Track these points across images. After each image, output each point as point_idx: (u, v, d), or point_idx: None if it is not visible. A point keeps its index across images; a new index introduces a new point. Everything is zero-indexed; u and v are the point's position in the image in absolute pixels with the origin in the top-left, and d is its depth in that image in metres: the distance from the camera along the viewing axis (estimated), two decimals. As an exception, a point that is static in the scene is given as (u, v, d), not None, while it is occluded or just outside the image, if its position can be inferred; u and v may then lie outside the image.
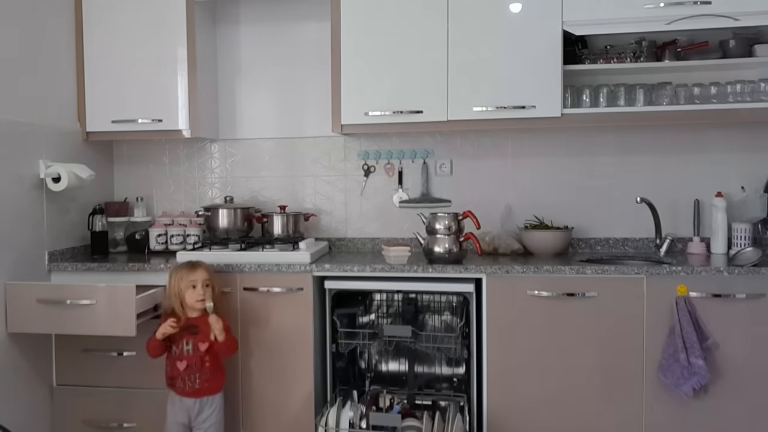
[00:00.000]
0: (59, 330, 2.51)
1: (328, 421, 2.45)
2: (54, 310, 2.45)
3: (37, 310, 2.46)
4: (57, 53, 2.90)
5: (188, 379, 2.42)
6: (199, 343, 2.43)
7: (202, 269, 2.46)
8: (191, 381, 2.42)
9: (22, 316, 2.49)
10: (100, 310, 2.42)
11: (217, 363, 2.48)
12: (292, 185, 3.26)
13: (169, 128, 2.98)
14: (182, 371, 2.43)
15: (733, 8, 2.55)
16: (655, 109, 2.72)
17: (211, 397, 2.46)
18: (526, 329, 2.53)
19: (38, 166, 2.72)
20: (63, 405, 2.77)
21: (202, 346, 2.43)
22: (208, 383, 2.45)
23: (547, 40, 2.70)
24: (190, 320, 2.45)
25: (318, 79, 3.13)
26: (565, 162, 3.06)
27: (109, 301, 2.41)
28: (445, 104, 2.77)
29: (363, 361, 2.96)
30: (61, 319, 2.46)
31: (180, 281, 2.43)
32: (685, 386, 2.39)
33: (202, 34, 3.04)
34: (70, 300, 2.44)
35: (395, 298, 2.85)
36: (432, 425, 2.41)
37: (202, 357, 2.43)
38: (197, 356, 2.43)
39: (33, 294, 2.47)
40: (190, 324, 2.44)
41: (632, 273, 2.47)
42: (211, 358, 2.44)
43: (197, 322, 2.44)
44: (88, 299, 2.43)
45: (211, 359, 2.44)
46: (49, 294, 2.47)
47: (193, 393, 2.43)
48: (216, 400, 2.48)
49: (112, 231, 3.16)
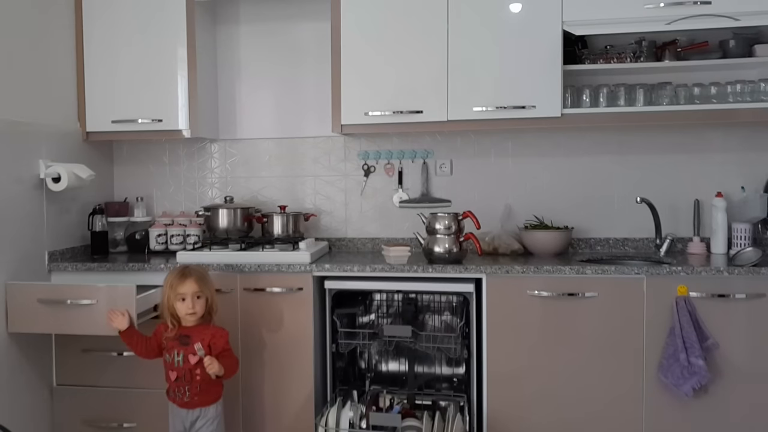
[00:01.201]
0: (60, 330, 2.50)
1: (328, 421, 2.45)
2: (54, 309, 2.45)
3: (37, 310, 2.46)
4: (57, 53, 2.90)
5: (178, 391, 2.33)
6: (190, 356, 2.30)
7: (191, 281, 2.31)
8: (181, 393, 2.32)
9: (22, 315, 2.49)
10: (101, 310, 2.40)
11: (210, 377, 2.33)
12: (292, 185, 3.26)
13: (169, 128, 2.98)
14: (173, 382, 2.34)
15: (733, 8, 2.55)
16: (655, 109, 2.72)
17: (204, 409, 2.34)
18: (526, 329, 2.53)
19: (38, 166, 2.72)
20: (63, 405, 2.77)
21: (192, 359, 2.30)
22: (199, 396, 2.33)
23: (547, 40, 2.70)
24: (182, 329, 2.34)
25: (318, 79, 3.13)
26: (565, 162, 3.06)
27: (109, 301, 2.40)
28: (445, 104, 2.77)
29: (363, 361, 2.96)
30: (61, 318, 2.45)
31: (170, 291, 2.31)
32: (685, 386, 2.39)
33: (202, 34, 3.04)
34: (70, 300, 2.43)
35: (395, 298, 2.85)
36: (432, 425, 2.41)
37: (192, 370, 2.31)
38: (186, 368, 2.31)
39: (33, 294, 2.47)
40: (181, 334, 2.33)
41: (632, 273, 2.47)
42: (202, 372, 2.30)
43: (190, 332, 2.33)
44: (88, 299, 2.42)
45: (202, 373, 2.30)
46: (50, 294, 2.46)
47: (184, 404, 2.34)
48: (209, 412, 2.35)
49: (112, 231, 3.16)
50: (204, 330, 2.34)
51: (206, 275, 2.40)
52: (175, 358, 2.32)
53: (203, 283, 2.35)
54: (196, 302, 2.32)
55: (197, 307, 2.32)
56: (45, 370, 2.75)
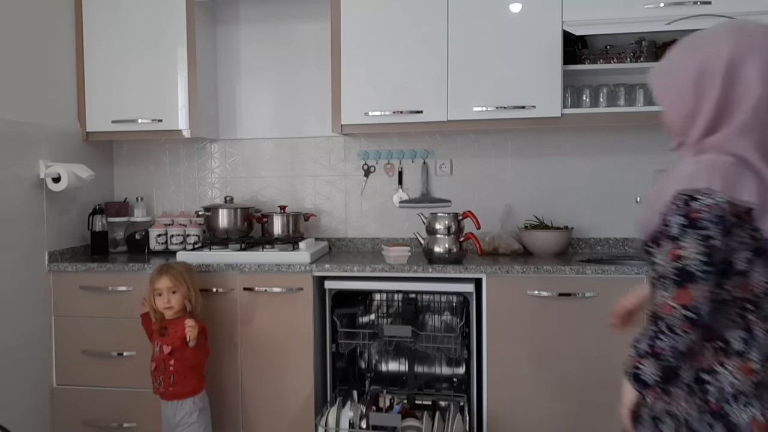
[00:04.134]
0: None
1: (328, 421, 2.45)
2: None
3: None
4: (57, 53, 2.90)
5: (155, 381, 2.44)
6: (164, 346, 2.43)
7: (166, 277, 2.44)
8: (157, 383, 2.43)
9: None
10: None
11: (185, 368, 2.43)
12: (292, 185, 3.26)
13: (169, 128, 2.98)
14: (152, 371, 2.45)
15: (733, 8, 2.55)
16: (655, 109, 2.71)
17: (181, 401, 2.43)
18: (527, 329, 2.53)
19: (38, 166, 2.72)
20: (63, 405, 2.77)
21: (166, 348, 2.42)
22: (173, 388, 2.42)
23: (547, 40, 2.69)
24: (163, 322, 2.46)
25: (318, 79, 3.13)
26: (565, 162, 3.06)
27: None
28: (445, 104, 2.77)
29: (363, 361, 2.96)
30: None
31: (149, 287, 2.46)
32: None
33: (202, 34, 3.04)
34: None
35: (395, 298, 2.85)
36: (432, 425, 2.41)
37: (166, 360, 2.41)
38: (161, 358, 2.43)
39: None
40: (161, 326, 2.46)
41: (632, 273, 2.47)
42: (176, 363, 2.41)
43: (167, 324, 2.45)
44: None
45: (176, 363, 2.41)
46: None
47: (162, 395, 2.45)
48: (186, 405, 2.43)
49: (112, 231, 3.16)
50: (180, 322, 2.42)
51: (185, 272, 2.50)
52: (155, 348, 2.46)
53: (178, 280, 2.45)
54: (172, 297, 2.43)
55: (173, 302, 2.43)
56: (45, 370, 2.75)
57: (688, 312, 1.18)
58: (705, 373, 1.23)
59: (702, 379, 1.23)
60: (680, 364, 1.23)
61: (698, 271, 1.17)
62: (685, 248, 1.17)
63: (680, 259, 1.18)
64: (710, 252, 1.16)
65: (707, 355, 1.23)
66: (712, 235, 1.16)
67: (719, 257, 1.18)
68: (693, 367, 1.24)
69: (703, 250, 1.16)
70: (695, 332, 1.19)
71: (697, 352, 1.23)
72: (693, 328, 1.19)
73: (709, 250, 1.16)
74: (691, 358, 1.23)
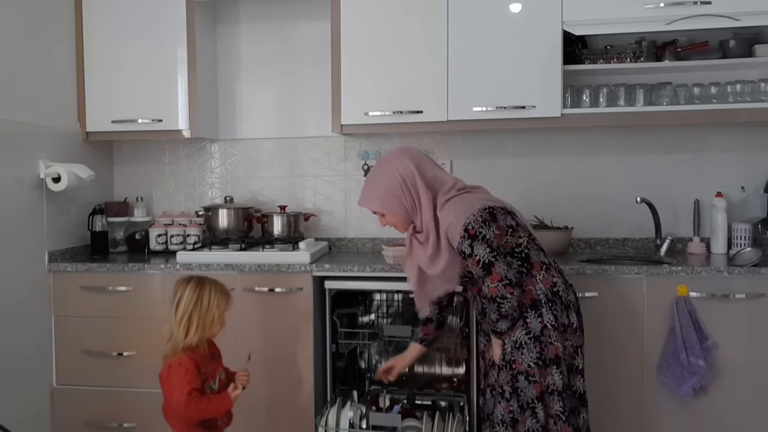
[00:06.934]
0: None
1: (328, 421, 2.45)
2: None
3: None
4: (57, 53, 2.90)
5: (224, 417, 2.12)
6: (222, 369, 2.13)
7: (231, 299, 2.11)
8: (227, 417, 2.15)
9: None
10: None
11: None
12: (292, 185, 3.26)
13: (169, 128, 2.98)
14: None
15: (733, 8, 2.55)
16: (655, 109, 2.72)
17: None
18: (526, 329, 2.52)
19: (38, 166, 2.73)
20: (63, 405, 2.77)
21: (221, 371, 2.12)
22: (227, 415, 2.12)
23: (547, 40, 2.69)
24: (209, 347, 2.12)
25: (318, 79, 3.13)
26: (565, 162, 3.06)
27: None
28: (445, 104, 2.77)
29: (363, 361, 2.96)
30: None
31: (216, 310, 2.04)
32: (685, 386, 2.39)
33: (202, 34, 3.04)
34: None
35: (395, 298, 2.85)
36: (432, 425, 2.41)
37: (227, 385, 2.11)
38: (223, 384, 2.11)
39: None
40: (211, 352, 2.12)
41: (632, 273, 2.47)
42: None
43: (207, 346, 2.11)
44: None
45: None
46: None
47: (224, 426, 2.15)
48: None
49: (112, 231, 3.16)
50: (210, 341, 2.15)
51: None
52: (220, 377, 2.10)
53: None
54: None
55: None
56: (45, 370, 2.75)
57: (505, 281, 1.89)
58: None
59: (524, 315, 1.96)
60: (515, 314, 1.94)
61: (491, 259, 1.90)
62: (477, 254, 1.90)
63: (478, 260, 1.92)
64: (490, 246, 1.91)
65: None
66: (487, 237, 1.91)
67: (494, 246, 1.91)
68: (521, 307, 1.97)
69: (486, 247, 1.90)
70: (516, 289, 1.91)
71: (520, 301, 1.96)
72: (513, 288, 1.90)
73: (489, 245, 1.90)
74: (519, 306, 1.95)
